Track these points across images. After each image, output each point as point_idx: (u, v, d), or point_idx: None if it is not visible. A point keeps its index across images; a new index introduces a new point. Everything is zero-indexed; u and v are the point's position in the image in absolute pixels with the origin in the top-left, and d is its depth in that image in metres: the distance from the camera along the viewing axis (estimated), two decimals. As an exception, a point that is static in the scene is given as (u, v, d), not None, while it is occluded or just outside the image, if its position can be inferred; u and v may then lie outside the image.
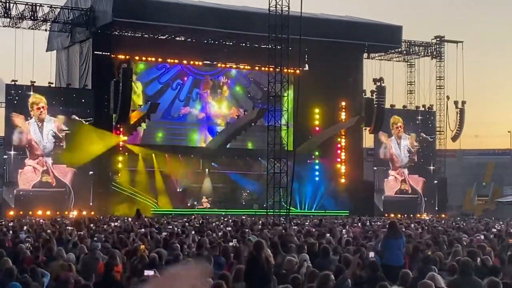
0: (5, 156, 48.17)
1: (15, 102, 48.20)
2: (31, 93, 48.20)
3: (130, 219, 33.26)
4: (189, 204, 54.50)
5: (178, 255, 13.69)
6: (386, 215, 53.16)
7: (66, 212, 45.96)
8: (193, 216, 38.50)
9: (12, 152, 47.63)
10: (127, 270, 13.53)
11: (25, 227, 24.29)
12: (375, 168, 58.55)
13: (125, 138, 52.83)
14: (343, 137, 59.53)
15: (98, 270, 13.35)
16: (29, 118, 48.04)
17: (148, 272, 10.30)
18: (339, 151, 59.60)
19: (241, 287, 10.71)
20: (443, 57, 62.41)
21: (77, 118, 49.09)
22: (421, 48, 61.55)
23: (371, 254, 12.66)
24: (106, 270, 11.75)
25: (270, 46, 37.64)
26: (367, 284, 11.20)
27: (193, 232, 20.71)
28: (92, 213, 45.51)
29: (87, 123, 49.33)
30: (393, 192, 58.33)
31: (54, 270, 12.60)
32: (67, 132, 48.73)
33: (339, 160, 59.45)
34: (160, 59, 54.91)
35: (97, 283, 11.60)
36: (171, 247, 15.35)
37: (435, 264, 12.80)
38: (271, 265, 10.87)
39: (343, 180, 58.69)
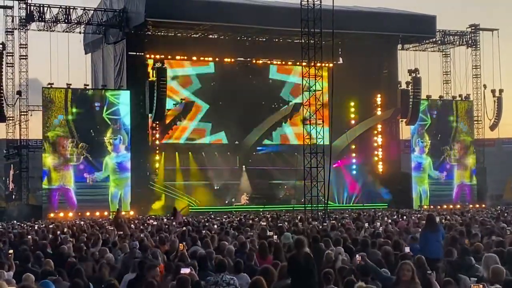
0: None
1: (52, 105, 48.32)
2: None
3: (165, 219, 33.35)
4: (226, 202, 54.58)
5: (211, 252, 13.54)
6: (425, 207, 52.66)
7: (106, 213, 46.24)
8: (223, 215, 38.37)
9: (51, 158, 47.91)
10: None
11: (65, 229, 24.47)
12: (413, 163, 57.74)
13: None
14: (380, 129, 59.18)
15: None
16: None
17: (185, 270, 10.27)
18: (375, 144, 59.28)
19: (283, 284, 10.64)
20: (478, 46, 61.63)
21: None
22: (456, 37, 60.83)
23: (407, 249, 12.54)
24: (140, 269, 11.80)
25: (303, 41, 37.53)
26: None
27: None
28: (131, 213, 45.79)
29: None
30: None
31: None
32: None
33: (375, 153, 59.13)
34: (193, 58, 55.02)
35: (130, 281, 11.68)
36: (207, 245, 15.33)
37: (472, 254, 12.60)
38: (312, 260, 10.80)
39: (380, 173, 58.31)
